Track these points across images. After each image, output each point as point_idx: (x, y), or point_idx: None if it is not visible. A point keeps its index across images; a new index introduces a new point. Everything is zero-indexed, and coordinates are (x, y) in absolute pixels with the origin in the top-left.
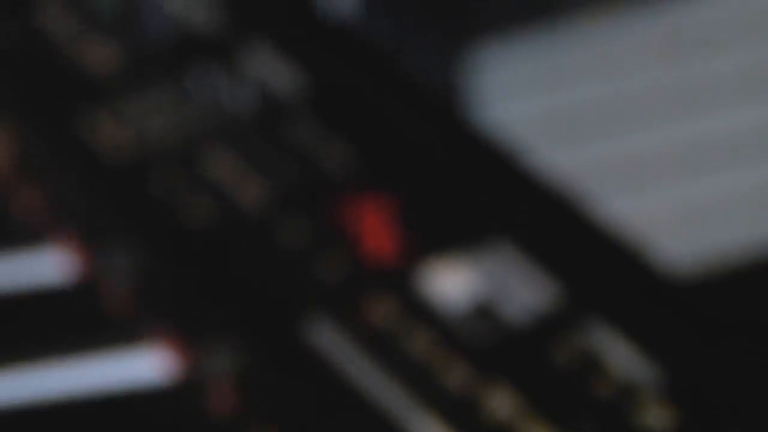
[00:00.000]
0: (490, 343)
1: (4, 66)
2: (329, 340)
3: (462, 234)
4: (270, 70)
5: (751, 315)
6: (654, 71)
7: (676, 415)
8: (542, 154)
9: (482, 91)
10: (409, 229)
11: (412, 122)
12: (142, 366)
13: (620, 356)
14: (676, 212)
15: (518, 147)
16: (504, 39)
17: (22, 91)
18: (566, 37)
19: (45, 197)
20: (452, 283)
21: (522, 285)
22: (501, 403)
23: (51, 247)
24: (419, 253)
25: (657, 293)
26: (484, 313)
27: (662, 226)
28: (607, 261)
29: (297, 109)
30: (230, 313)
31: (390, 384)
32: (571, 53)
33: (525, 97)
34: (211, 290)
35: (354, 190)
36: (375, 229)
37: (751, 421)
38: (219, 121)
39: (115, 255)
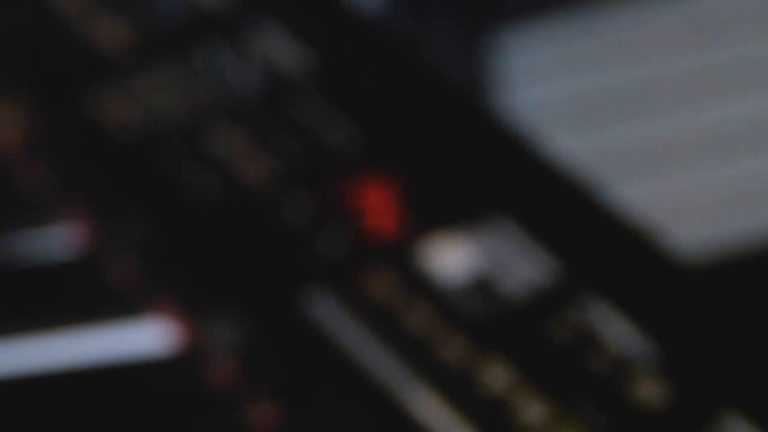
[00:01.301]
0: (487, 318)
1: (15, 44)
2: (330, 314)
3: (462, 211)
4: (277, 50)
5: (756, 301)
6: (677, 57)
7: (669, 389)
8: (564, 137)
9: (506, 75)
10: (410, 206)
11: (415, 101)
12: (146, 337)
13: (615, 332)
14: (700, 196)
15: (539, 130)
16: (528, 24)
17: (34, 69)
18: (589, 22)
19: (54, 173)
20: (452, 258)
21: (520, 261)
22: (497, 376)
23: (59, 222)
24: (420, 229)
25: (655, 272)
26: (482, 288)
27: (685, 210)
28: (605, 239)
29: (303, 87)
30: (233, 287)
31: (388, 357)
32: (595, 38)
33: (549, 82)
34: (215, 264)
35: (357, 167)
36: (377, 206)
37: (743, 397)
38: (226, 99)
39: (121, 229)
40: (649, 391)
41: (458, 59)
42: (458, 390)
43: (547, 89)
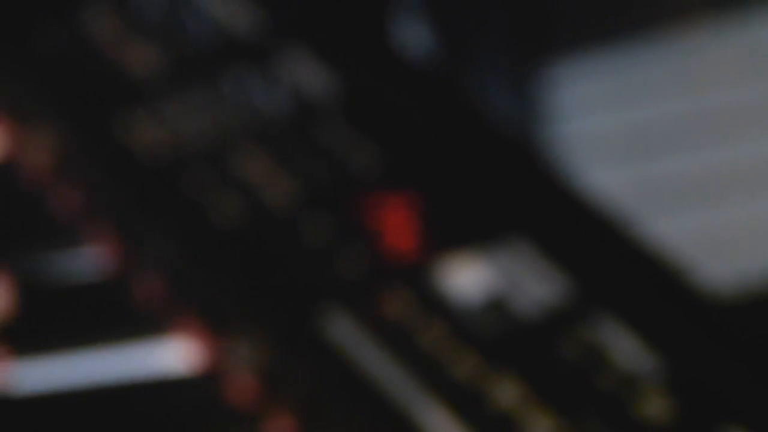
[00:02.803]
0: (499, 336)
1: (49, 68)
2: (347, 332)
3: (477, 233)
4: (302, 74)
5: None
6: (725, 90)
7: (674, 406)
8: (611, 168)
9: (555, 108)
10: (427, 227)
11: (434, 124)
12: (170, 356)
13: (624, 350)
14: (746, 227)
15: (586, 162)
16: (577, 57)
17: (66, 92)
18: (637, 55)
19: (83, 196)
20: (466, 278)
21: (533, 281)
22: (507, 393)
23: (87, 243)
24: (436, 249)
25: (667, 293)
26: (495, 307)
27: (728, 241)
28: (616, 260)
29: (326, 111)
30: (254, 306)
31: (403, 374)
32: (642, 71)
33: (597, 114)
34: (237, 284)
35: (376, 189)
36: (395, 227)
37: (746, 413)
38: (252, 122)
39: (148, 250)
40: (654, 407)
41: (507, 92)
42: (469, 406)
43: (594, 121)
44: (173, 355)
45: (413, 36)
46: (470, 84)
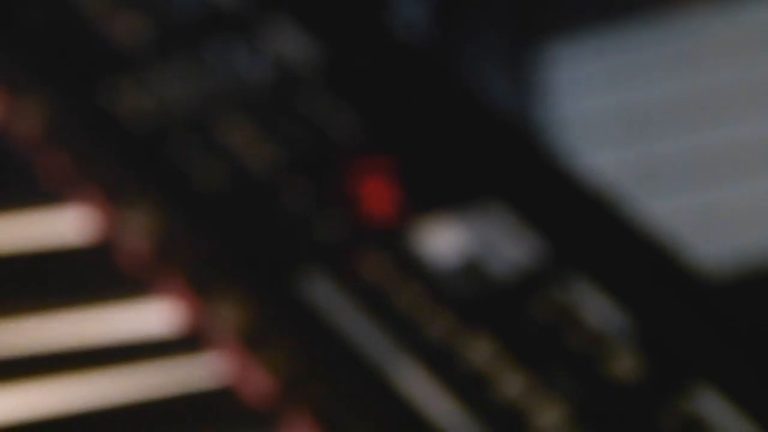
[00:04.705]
0: (474, 297)
1: (36, 38)
2: (326, 294)
3: (454, 196)
4: (284, 44)
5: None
6: (722, 70)
7: (644, 364)
8: (608, 148)
9: (551, 88)
10: (404, 191)
11: (412, 91)
12: (153, 318)
13: (594, 311)
14: (741, 207)
15: (582, 141)
16: (575, 36)
17: (53, 61)
18: (633, 36)
19: (70, 161)
20: (443, 241)
21: (507, 244)
22: (481, 352)
23: (73, 206)
24: (413, 213)
25: (637, 255)
26: (471, 269)
27: (724, 221)
28: (589, 223)
29: (307, 80)
30: (236, 269)
31: (380, 335)
32: (639, 52)
33: (594, 94)
34: (220, 248)
35: (355, 154)
36: (373, 191)
37: (714, 369)
38: (235, 89)
39: (133, 214)
40: (623, 365)
41: (503, 73)
42: (444, 365)
43: (591, 102)
44: (157, 316)
45: (409, 15)
46: (466, 64)
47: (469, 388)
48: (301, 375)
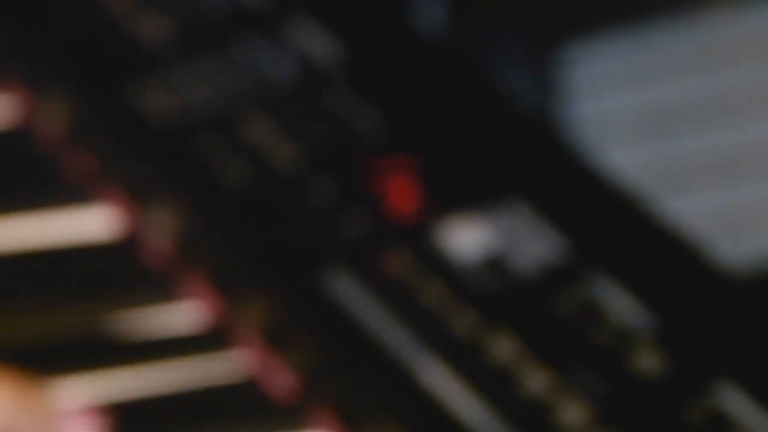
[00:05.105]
0: (498, 294)
1: (61, 37)
2: (350, 292)
3: (478, 193)
4: (308, 42)
5: None
6: (740, 70)
7: (667, 361)
8: (627, 148)
9: (572, 87)
10: (428, 189)
11: (436, 91)
12: (178, 316)
13: (618, 307)
14: (762, 207)
15: (602, 141)
16: (595, 36)
17: (78, 61)
18: (653, 36)
19: (95, 160)
20: (466, 239)
21: (530, 242)
22: (504, 348)
23: (100, 206)
24: (437, 211)
25: (661, 252)
26: (494, 266)
27: (744, 220)
28: (612, 219)
29: (333, 78)
30: (261, 267)
31: (403, 330)
32: (658, 52)
33: (614, 93)
34: (244, 246)
35: (380, 153)
36: (398, 189)
37: (738, 369)
38: (259, 89)
39: (157, 213)
40: (647, 361)
41: (523, 72)
42: (468, 361)
43: (611, 101)
44: (182, 314)
45: (429, 15)
46: (486, 64)
47: (493, 384)
48: (325, 372)
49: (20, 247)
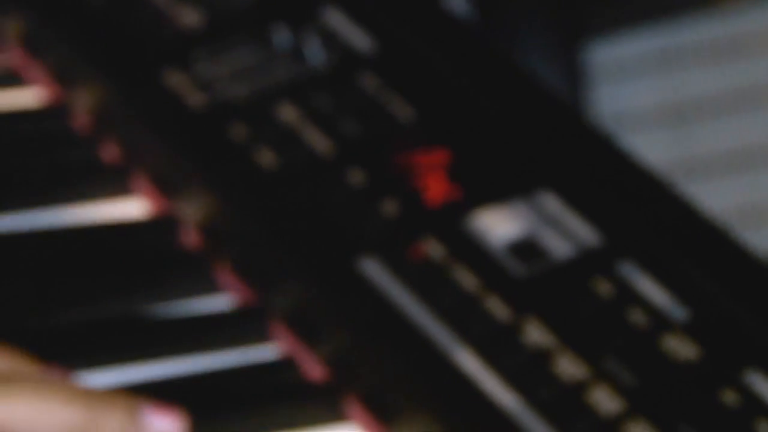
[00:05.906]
0: (530, 282)
1: (93, 25)
2: (383, 280)
3: (512, 180)
4: (343, 31)
5: None
6: (766, 65)
7: (698, 348)
8: (652, 140)
9: (599, 79)
10: (462, 178)
11: (470, 84)
12: (211, 300)
13: (648, 293)
14: None
15: (626, 131)
16: (620, 31)
17: (108, 49)
18: (681, 27)
19: (125, 149)
20: (499, 228)
21: (562, 232)
22: (536, 336)
23: (131, 192)
24: (470, 200)
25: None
26: (527, 254)
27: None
28: (644, 209)
29: (366, 68)
30: (293, 254)
31: (436, 316)
32: (686, 43)
33: (638, 85)
34: (276, 234)
35: (415, 142)
36: (431, 178)
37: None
38: (292, 79)
39: (188, 202)
40: (681, 348)
41: (548, 64)
42: (501, 348)
43: (635, 93)
44: (215, 299)
45: (454, 7)
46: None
47: (525, 371)
48: (358, 359)
49: (54, 230)
